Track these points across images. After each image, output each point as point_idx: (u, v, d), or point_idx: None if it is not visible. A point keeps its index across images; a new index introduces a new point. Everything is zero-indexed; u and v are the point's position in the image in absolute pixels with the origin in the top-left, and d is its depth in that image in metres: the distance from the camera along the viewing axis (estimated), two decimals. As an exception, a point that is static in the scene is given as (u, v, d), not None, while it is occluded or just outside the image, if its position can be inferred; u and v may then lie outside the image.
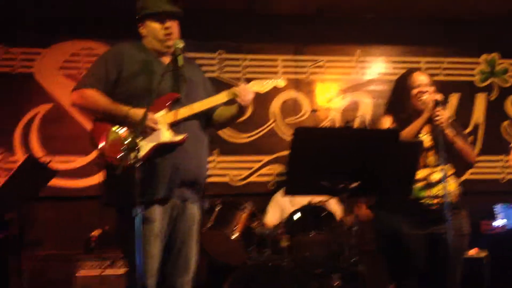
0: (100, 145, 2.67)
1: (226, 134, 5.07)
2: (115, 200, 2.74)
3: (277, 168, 5.18)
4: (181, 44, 2.81)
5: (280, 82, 3.00)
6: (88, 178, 4.85)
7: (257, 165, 5.17)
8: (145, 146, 2.63)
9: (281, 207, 4.55)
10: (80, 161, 4.85)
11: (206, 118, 2.93)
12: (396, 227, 3.10)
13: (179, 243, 2.81)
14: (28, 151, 4.74)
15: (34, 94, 4.86)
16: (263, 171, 5.18)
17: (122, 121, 2.69)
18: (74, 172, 4.80)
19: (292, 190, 2.89)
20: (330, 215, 3.95)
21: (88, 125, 4.86)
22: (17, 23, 4.91)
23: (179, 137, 2.72)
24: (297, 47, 5.37)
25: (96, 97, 2.74)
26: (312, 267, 3.90)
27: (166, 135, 2.70)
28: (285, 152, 5.17)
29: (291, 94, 5.29)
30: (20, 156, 4.73)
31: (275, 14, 5.30)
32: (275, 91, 3.13)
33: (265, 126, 5.21)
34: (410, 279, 3.14)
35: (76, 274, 4.15)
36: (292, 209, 4.07)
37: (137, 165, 2.38)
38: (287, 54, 5.34)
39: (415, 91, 3.17)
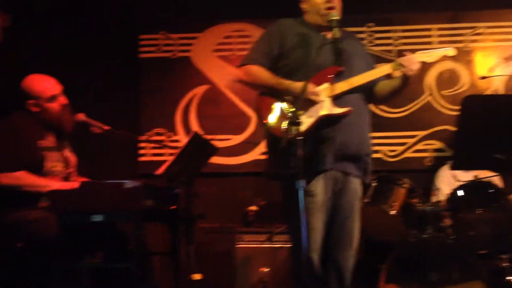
0: (266, 119, 2.75)
1: (379, 108, 4.92)
2: (279, 173, 2.79)
3: (434, 144, 4.93)
4: (338, 17, 2.78)
5: (450, 51, 2.83)
6: (243, 155, 5.04)
7: (412, 141, 4.96)
8: (308, 119, 2.66)
9: (447, 183, 4.33)
10: (235, 139, 5.03)
11: (367, 92, 2.87)
12: None
13: (342, 217, 2.81)
14: (188, 131, 5.02)
15: (192, 77, 5.11)
16: (418, 146, 4.96)
17: (285, 94, 2.72)
18: (230, 150, 4.99)
19: (460, 165, 2.74)
20: (499, 191, 3.67)
21: (242, 105, 5.06)
22: (175, 11, 5.21)
23: (342, 110, 2.69)
24: (453, 15, 5.03)
25: (260, 72, 2.81)
26: (478, 247, 3.68)
27: (329, 108, 2.69)
28: (443, 127, 4.94)
29: (447, 64, 4.98)
30: (181, 136, 5.04)
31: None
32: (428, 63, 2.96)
33: (419, 99, 4.97)
34: None
35: (236, 246, 4.34)
36: (455, 185, 3.86)
37: (300, 138, 2.39)
38: (442, 23, 5.02)
39: None
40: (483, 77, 4.68)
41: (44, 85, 3.29)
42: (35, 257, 2.98)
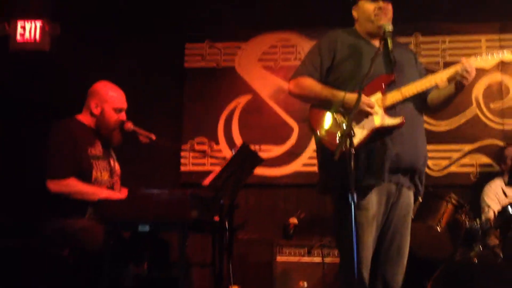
0: (320, 131, 2.69)
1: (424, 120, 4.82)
2: (331, 186, 2.74)
3: (480, 158, 4.80)
4: (390, 27, 2.73)
5: (507, 56, 2.72)
6: (284, 166, 5.00)
7: (457, 155, 4.84)
8: (362, 131, 2.61)
9: (496, 199, 4.21)
10: (277, 150, 5.00)
11: (420, 102, 2.80)
12: None
13: (393, 232, 2.73)
14: (230, 140, 5.03)
15: (235, 86, 5.13)
16: (464, 161, 4.84)
17: (339, 106, 2.68)
18: (271, 160, 4.94)
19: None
20: (553, 210, 3.55)
21: (284, 115, 5.03)
22: (219, 20, 5.22)
23: (396, 121, 2.63)
24: (502, 25, 4.91)
25: (312, 85, 2.78)
26: (528, 267, 3.56)
27: (382, 119, 2.63)
28: (490, 141, 4.81)
29: (496, 77, 4.86)
30: (223, 145, 5.04)
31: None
32: (477, 74, 2.86)
33: (466, 112, 4.86)
34: None
35: (277, 259, 4.30)
36: (506, 202, 3.74)
37: (353, 150, 2.34)
38: (491, 33, 4.90)
39: None
40: None
41: (117, 94, 3.36)
42: (81, 265, 3.00)
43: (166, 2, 5.24)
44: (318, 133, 2.70)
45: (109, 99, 3.32)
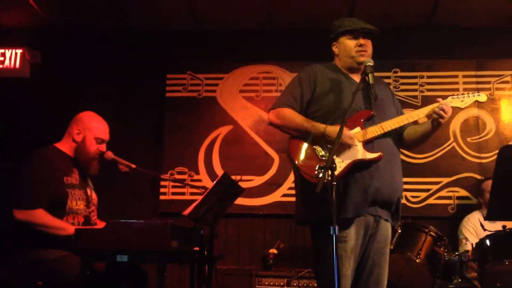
0: (298, 162, 2.71)
1: (403, 153, 4.89)
2: (310, 218, 2.74)
3: (458, 191, 4.87)
4: (371, 63, 2.79)
5: (482, 97, 2.82)
6: (264, 197, 4.99)
7: (435, 187, 4.90)
8: (341, 163, 2.64)
9: (473, 232, 4.25)
10: (257, 180, 5.00)
11: (396, 137, 2.86)
12: None
13: (371, 264, 2.74)
14: (211, 170, 5.01)
15: (216, 117, 5.15)
16: (442, 193, 4.89)
17: (318, 138, 2.71)
18: (251, 190, 4.93)
19: (495, 215, 2.67)
20: (529, 242, 3.59)
21: (265, 146, 5.05)
22: (202, 53, 5.30)
23: (375, 155, 2.68)
24: (479, 62, 5.05)
25: (292, 116, 2.81)
26: (506, 300, 3.58)
27: (362, 153, 2.67)
28: (467, 174, 4.88)
29: (473, 112, 4.97)
30: (203, 175, 5.02)
31: (453, 27, 5.06)
32: (454, 109, 2.96)
33: (444, 146, 4.94)
34: None
35: (256, 290, 4.27)
36: (484, 234, 3.77)
37: (334, 182, 2.35)
38: (468, 70, 5.03)
39: None
40: None
41: (101, 125, 3.36)
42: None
43: (149, 34, 5.30)
44: (297, 164, 2.71)
45: (93, 128, 3.31)
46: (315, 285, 4.13)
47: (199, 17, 5.06)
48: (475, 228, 4.27)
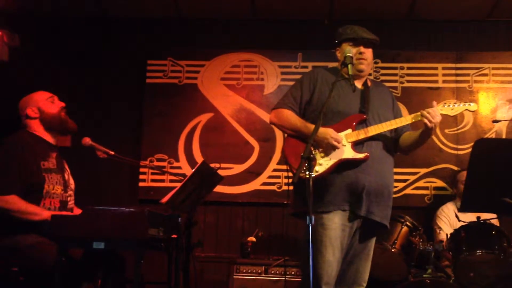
0: (291, 159, 2.86)
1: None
2: (300, 210, 2.85)
3: (435, 182, 4.93)
4: (351, 53, 2.86)
5: (472, 107, 2.96)
6: (244, 185, 5.00)
7: (413, 177, 4.96)
8: (329, 161, 2.80)
9: (448, 222, 4.32)
10: (237, 169, 5.01)
11: (393, 141, 3.00)
12: None
13: (352, 255, 2.88)
14: (190, 158, 5.01)
15: (197, 104, 5.12)
16: (419, 183, 4.96)
17: (310, 138, 2.80)
18: (230, 179, 4.93)
19: (468, 207, 2.72)
20: (502, 234, 3.66)
21: (245, 134, 5.05)
22: (184, 39, 5.26)
23: (361, 155, 2.83)
24: (459, 55, 5.09)
25: (290, 116, 2.97)
26: (479, 289, 3.66)
27: (349, 153, 2.82)
28: (444, 165, 4.94)
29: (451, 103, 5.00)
30: (183, 162, 5.02)
31: (434, 20, 5.10)
32: (433, 99, 3.05)
33: (422, 137, 4.99)
34: None
35: (234, 277, 4.29)
36: (458, 225, 3.84)
37: (312, 174, 2.40)
38: (448, 63, 5.08)
39: None
40: (496, 121, 4.71)
41: (40, 92, 3.37)
42: (30, 283, 2.91)
43: (130, 20, 5.24)
44: (289, 161, 2.86)
45: (37, 98, 3.32)
46: (292, 273, 4.21)
47: (181, 3, 5.01)
48: (450, 219, 4.35)
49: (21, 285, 2.92)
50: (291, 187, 3.06)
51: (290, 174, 2.90)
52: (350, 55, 2.81)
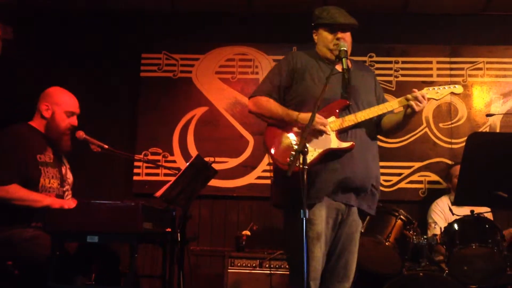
0: (272, 150, 2.74)
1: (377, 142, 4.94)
2: (283, 202, 2.79)
3: (429, 176, 4.95)
4: (345, 47, 2.80)
5: (458, 89, 2.86)
6: (238, 179, 5.00)
7: (407, 171, 4.97)
8: (313, 152, 2.67)
9: (442, 216, 4.34)
10: (231, 162, 5.01)
11: (374, 125, 2.89)
12: None
13: (340, 248, 2.80)
14: (185, 152, 5.00)
15: (192, 98, 5.11)
16: (413, 177, 4.97)
17: (293, 126, 2.75)
18: (225, 172, 4.93)
19: (462, 200, 2.73)
20: (495, 227, 3.68)
21: (240, 128, 5.05)
22: (178, 33, 5.24)
23: (347, 144, 2.71)
24: (453, 48, 5.10)
25: (269, 104, 2.83)
26: (471, 282, 3.68)
27: (334, 142, 2.71)
28: (438, 159, 4.96)
29: (445, 98, 4.99)
30: (178, 156, 5.01)
31: (429, 13, 5.10)
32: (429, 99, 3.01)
33: (417, 131, 5.00)
34: None
35: (228, 270, 4.30)
36: (452, 218, 3.85)
37: (306, 169, 2.37)
38: (442, 56, 5.08)
39: None
40: (490, 115, 4.72)
41: (69, 98, 3.31)
42: (25, 276, 2.91)
43: (125, 13, 5.21)
44: (270, 151, 2.74)
45: (61, 102, 3.26)
46: (287, 266, 4.21)
47: (176, -4, 5.00)
48: (444, 212, 4.36)
49: (15, 279, 2.92)
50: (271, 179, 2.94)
51: (271, 166, 2.79)
52: (345, 49, 2.78)
